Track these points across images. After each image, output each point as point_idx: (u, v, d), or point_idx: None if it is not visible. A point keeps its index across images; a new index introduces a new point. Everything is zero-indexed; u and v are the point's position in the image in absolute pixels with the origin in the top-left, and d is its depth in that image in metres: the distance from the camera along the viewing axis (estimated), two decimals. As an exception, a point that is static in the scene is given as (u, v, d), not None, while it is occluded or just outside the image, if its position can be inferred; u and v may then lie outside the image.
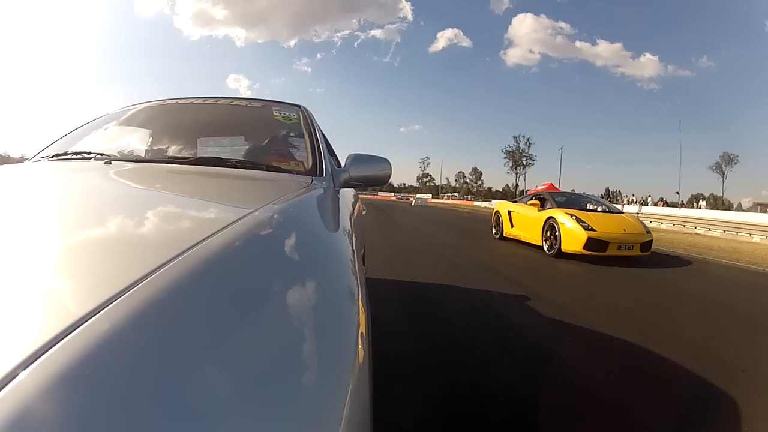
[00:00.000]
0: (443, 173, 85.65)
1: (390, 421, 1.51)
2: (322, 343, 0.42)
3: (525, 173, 60.90)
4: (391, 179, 1.70)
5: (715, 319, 3.59)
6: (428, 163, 71.92)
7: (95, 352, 0.28)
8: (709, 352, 2.70)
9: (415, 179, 72.12)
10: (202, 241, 0.46)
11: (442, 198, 56.98)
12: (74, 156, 1.37)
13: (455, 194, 60.88)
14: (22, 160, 1.79)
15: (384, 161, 1.57)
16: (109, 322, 0.30)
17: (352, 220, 1.45)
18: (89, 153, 1.36)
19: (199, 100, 1.87)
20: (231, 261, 0.46)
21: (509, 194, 54.76)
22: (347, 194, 1.70)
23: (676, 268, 6.45)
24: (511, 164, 61.48)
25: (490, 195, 58.62)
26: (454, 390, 1.93)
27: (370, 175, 1.52)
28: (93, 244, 0.50)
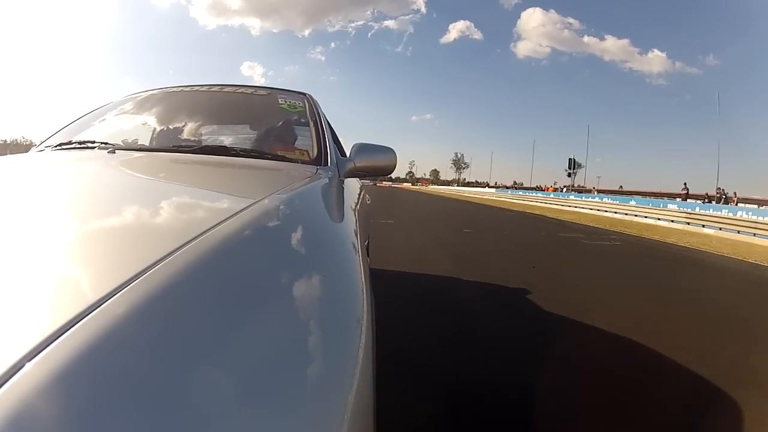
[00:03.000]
0: (424, 170, 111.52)
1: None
2: (325, 335, 0.42)
3: (461, 172, 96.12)
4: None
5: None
6: (414, 165, 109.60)
7: (99, 345, 0.27)
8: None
9: (404, 173, 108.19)
10: (206, 231, 0.46)
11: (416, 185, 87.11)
12: (78, 145, 1.37)
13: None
14: (28, 149, 1.80)
15: (389, 151, 1.54)
16: (113, 314, 0.30)
17: (357, 210, 1.45)
18: (93, 142, 1.36)
19: (204, 88, 1.86)
20: (235, 252, 0.46)
21: (455, 183, 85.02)
22: (352, 184, 1.69)
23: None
24: (455, 168, 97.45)
25: (443, 183, 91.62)
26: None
27: (375, 165, 1.50)
28: (96, 236, 0.50)
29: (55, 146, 1.40)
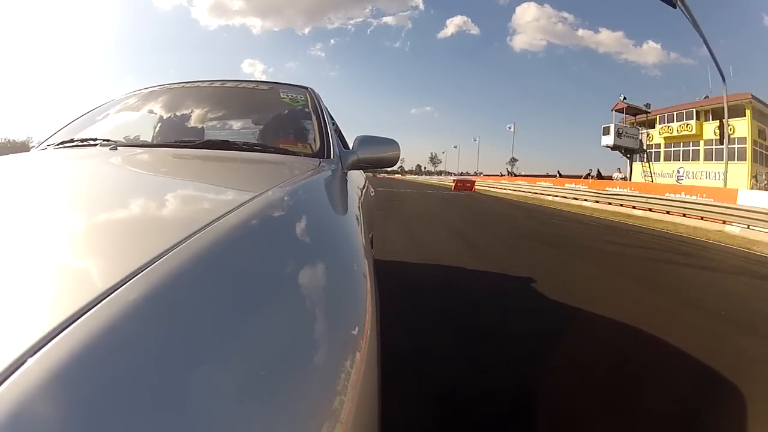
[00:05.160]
0: (411, 164, 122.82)
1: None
2: (330, 327, 0.41)
3: (436, 165, 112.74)
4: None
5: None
6: (403, 161, 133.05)
7: (104, 339, 0.27)
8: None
9: (397, 167, 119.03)
10: (210, 224, 0.45)
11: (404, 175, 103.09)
12: (80, 143, 1.37)
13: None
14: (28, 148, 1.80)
15: (392, 143, 1.53)
16: (117, 308, 0.30)
17: (360, 202, 1.44)
18: (95, 139, 1.36)
19: (206, 84, 1.85)
20: (239, 244, 0.46)
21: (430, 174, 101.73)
22: (355, 176, 1.68)
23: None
24: (432, 163, 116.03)
25: (425, 173, 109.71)
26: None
27: (379, 157, 1.49)
28: (100, 232, 0.49)
29: (58, 144, 1.41)
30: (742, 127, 18.70)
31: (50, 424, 0.23)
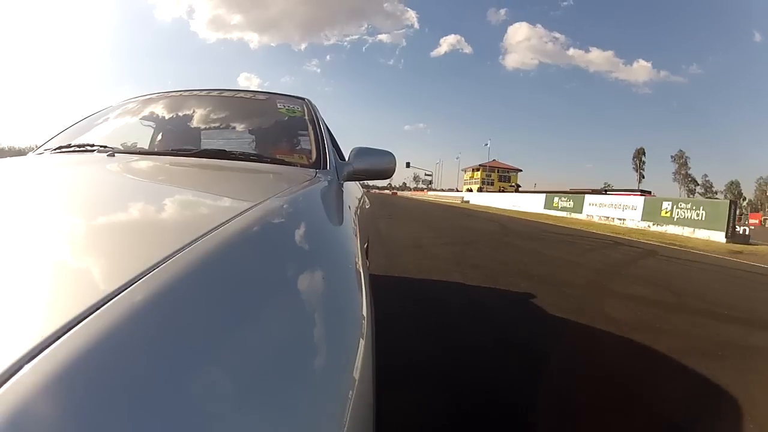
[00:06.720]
0: (399, 182, 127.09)
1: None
2: (324, 338, 0.42)
3: (418, 183, 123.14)
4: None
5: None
6: (391, 180, 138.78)
7: (99, 346, 0.27)
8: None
9: (386, 184, 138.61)
10: (205, 234, 0.45)
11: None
12: (77, 149, 1.36)
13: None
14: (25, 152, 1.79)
15: (388, 154, 1.53)
16: (112, 316, 0.30)
17: (356, 213, 1.44)
18: (92, 145, 1.36)
19: (203, 92, 1.86)
20: (235, 254, 0.46)
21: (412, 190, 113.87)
22: (351, 187, 1.69)
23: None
24: (415, 180, 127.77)
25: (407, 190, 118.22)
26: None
27: (375, 169, 1.49)
28: (95, 238, 0.49)
29: (54, 149, 1.40)
30: (479, 174, 70.61)
31: (51, 426, 0.23)
